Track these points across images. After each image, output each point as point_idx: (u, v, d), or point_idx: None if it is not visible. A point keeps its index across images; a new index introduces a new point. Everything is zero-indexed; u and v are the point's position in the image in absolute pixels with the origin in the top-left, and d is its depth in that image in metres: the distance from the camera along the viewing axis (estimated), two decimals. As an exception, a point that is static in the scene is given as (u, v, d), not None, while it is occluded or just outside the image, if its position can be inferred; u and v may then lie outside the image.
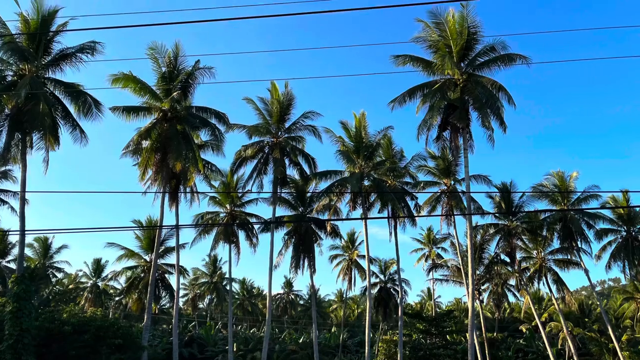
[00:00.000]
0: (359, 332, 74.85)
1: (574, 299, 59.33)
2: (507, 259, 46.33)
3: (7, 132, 28.01)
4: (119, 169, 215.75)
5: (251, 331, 76.83)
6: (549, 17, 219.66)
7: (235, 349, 55.87)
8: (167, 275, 47.21)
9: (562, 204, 45.17)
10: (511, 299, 57.63)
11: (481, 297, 52.31)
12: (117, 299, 64.58)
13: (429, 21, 31.36)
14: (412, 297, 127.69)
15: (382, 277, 60.38)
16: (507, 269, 49.06)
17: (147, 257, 45.60)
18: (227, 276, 49.04)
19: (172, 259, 45.19)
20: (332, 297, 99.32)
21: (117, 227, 51.24)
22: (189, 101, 34.55)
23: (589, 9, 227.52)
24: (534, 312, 48.94)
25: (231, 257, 43.75)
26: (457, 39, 30.98)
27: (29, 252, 61.15)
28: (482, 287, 51.39)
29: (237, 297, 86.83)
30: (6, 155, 28.42)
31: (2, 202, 42.65)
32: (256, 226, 43.61)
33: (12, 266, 53.37)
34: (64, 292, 64.99)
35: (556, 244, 45.94)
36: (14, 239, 51.11)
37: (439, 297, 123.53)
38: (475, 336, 38.49)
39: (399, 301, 48.57)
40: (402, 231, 44.35)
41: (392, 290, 59.26)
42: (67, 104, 29.95)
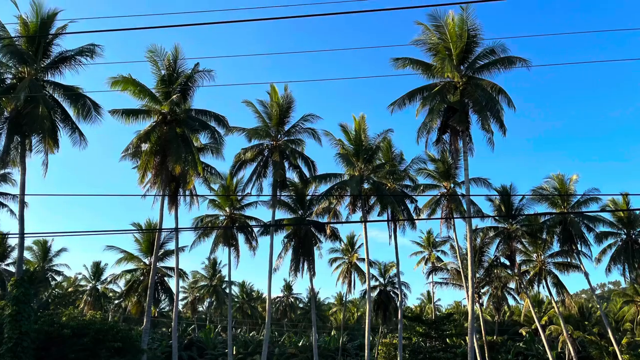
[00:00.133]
0: (359, 335, 74.68)
1: (574, 302, 59.31)
2: (507, 262, 46.32)
3: (6, 135, 27.91)
4: (118, 172, 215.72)
5: (251, 334, 76.68)
6: (549, 20, 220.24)
7: (234, 352, 55.84)
8: (166, 278, 47.12)
9: (562, 207, 45.17)
10: (511, 302, 57.59)
11: (481, 300, 52.32)
12: (117, 302, 64.60)
13: (429, 24, 31.34)
14: (412, 300, 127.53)
15: (381, 280, 60.30)
16: (507, 272, 49.07)
17: (146, 260, 45.47)
18: (227, 279, 48.88)
19: (171, 262, 45.21)
20: (332, 300, 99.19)
21: (117, 230, 51.05)
22: (188, 104, 34.49)
23: (589, 12, 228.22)
24: (534, 315, 48.92)
25: (230, 260, 43.72)
26: (457, 41, 30.96)
27: (28, 255, 61.25)
28: (482, 290, 51.41)
29: (236, 300, 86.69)
30: (5, 158, 28.32)
31: (2, 205, 42.67)
32: (256, 229, 43.58)
33: (12, 269, 53.25)
34: (63, 295, 65.02)
35: (556, 247, 46.07)
36: (13, 242, 51.13)
37: (439, 300, 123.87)
38: (475, 339, 38.47)
39: (398, 304, 48.48)
40: (401, 234, 44.43)
41: (391, 293, 59.18)
42: (67, 107, 29.87)
